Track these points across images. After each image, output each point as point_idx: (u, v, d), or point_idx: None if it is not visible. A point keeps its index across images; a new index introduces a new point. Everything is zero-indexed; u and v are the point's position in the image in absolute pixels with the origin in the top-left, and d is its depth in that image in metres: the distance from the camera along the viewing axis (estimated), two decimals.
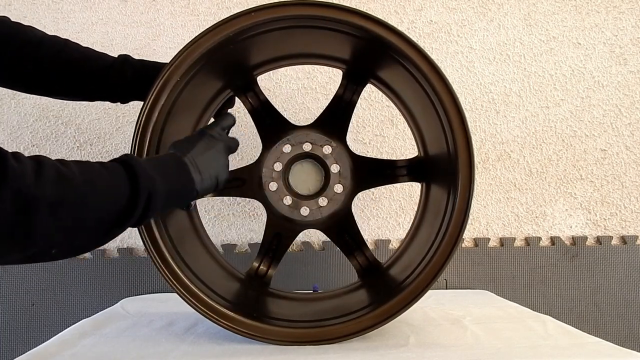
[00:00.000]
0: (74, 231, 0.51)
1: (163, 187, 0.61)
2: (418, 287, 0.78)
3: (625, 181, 1.31)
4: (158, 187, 0.60)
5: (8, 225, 0.45)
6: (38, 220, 0.46)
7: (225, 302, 0.81)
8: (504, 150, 1.30)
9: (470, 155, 0.77)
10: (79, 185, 0.51)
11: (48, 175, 0.48)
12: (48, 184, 0.48)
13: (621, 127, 1.31)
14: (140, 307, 1.09)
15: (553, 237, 1.29)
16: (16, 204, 0.45)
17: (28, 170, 0.46)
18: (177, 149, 0.71)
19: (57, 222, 0.48)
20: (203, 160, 0.71)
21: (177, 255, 0.81)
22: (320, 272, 1.25)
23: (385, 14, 1.29)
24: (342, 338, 0.79)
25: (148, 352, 0.78)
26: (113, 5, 1.28)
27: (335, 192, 0.93)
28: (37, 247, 0.48)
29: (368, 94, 1.27)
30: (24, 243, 0.47)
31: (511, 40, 1.30)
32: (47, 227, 0.48)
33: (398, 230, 1.28)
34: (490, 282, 1.27)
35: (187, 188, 0.68)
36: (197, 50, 0.79)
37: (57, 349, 0.79)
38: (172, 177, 0.65)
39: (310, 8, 0.79)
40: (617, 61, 1.31)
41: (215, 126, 0.79)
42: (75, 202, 0.50)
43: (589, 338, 0.81)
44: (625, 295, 1.28)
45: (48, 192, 0.47)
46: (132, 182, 0.57)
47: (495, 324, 0.90)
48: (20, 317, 1.23)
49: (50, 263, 1.24)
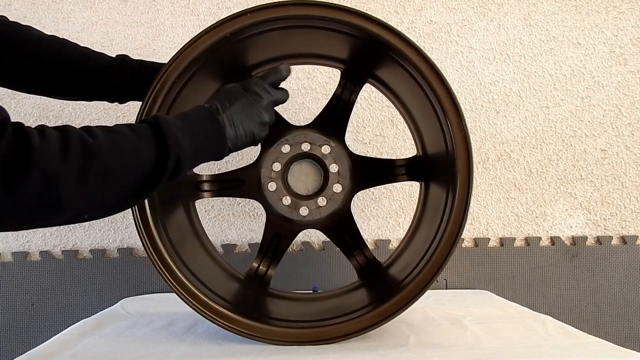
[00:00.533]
0: (102, 198, 0.54)
1: (192, 149, 0.61)
2: (417, 287, 0.78)
3: (625, 181, 1.30)
4: (187, 151, 0.60)
5: (38, 201, 0.47)
6: (65, 194, 0.49)
7: (225, 302, 0.81)
8: (504, 150, 1.29)
9: (468, 154, 0.77)
10: (105, 156, 0.53)
11: (74, 149, 0.50)
12: (74, 158, 0.50)
13: (621, 127, 1.30)
14: (140, 307, 1.09)
15: (553, 237, 1.29)
16: (44, 182, 0.47)
17: (54, 146, 0.49)
18: (217, 101, 0.70)
19: (84, 193, 0.51)
20: (241, 117, 0.70)
21: (176, 256, 0.81)
22: (319, 272, 1.25)
23: (385, 14, 1.29)
24: (342, 338, 0.79)
25: (148, 352, 0.78)
26: (113, 5, 1.28)
27: (334, 191, 0.93)
28: (68, 215, 0.51)
29: (367, 94, 1.27)
30: (54, 214, 0.50)
31: (511, 40, 1.30)
32: (75, 199, 0.50)
33: (398, 230, 1.28)
34: (490, 282, 1.27)
35: (219, 146, 0.68)
36: (196, 50, 0.79)
37: (57, 349, 0.79)
38: (203, 137, 0.65)
39: (308, 8, 0.79)
40: (617, 61, 1.31)
41: (263, 81, 0.76)
42: (101, 173, 0.52)
43: (589, 338, 0.81)
44: (625, 295, 1.28)
45: (74, 167, 0.50)
46: (160, 147, 0.58)
47: (495, 324, 0.90)
48: (21, 317, 1.23)
49: (51, 263, 1.24)
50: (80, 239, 1.26)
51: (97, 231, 1.26)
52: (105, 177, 0.52)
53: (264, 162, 0.93)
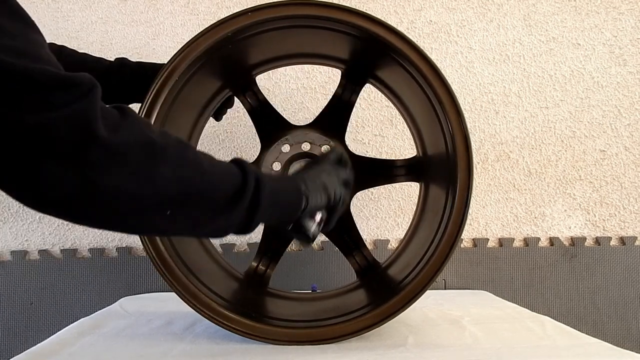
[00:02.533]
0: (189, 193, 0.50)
1: (268, 180, 0.59)
2: (417, 287, 0.78)
3: (624, 182, 1.31)
4: (264, 177, 0.58)
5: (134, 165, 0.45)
6: (162, 164, 0.47)
7: (224, 301, 0.81)
8: (503, 150, 1.30)
9: (468, 155, 0.78)
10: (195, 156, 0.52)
11: (169, 135, 0.50)
12: (172, 139, 0.50)
13: (620, 127, 1.31)
14: (139, 306, 1.09)
15: (552, 238, 1.29)
16: (145, 148, 0.46)
17: (149, 127, 0.49)
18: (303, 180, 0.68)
19: (177, 174, 0.48)
20: (310, 177, 0.69)
21: (175, 255, 0.81)
22: (319, 272, 1.25)
23: (384, 14, 1.29)
24: (341, 338, 0.79)
25: (147, 351, 0.78)
26: (113, 5, 1.27)
27: None
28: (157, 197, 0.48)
29: (367, 94, 1.27)
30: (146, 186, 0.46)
31: (511, 41, 1.30)
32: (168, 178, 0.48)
33: (397, 230, 1.28)
34: (489, 282, 1.27)
35: (294, 191, 0.65)
36: (196, 50, 0.79)
37: (56, 348, 0.79)
38: (275, 178, 0.64)
39: (308, 8, 0.79)
40: (617, 62, 1.31)
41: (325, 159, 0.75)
42: (192, 163, 0.51)
43: (587, 339, 0.81)
44: (623, 296, 1.28)
45: (172, 145, 0.49)
46: (240, 167, 0.56)
47: (493, 325, 0.90)
48: (19, 316, 1.23)
49: (49, 262, 1.24)
50: (79, 238, 1.26)
51: (96, 230, 1.26)
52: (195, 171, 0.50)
53: (264, 161, 0.93)
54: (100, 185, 0.43)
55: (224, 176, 0.55)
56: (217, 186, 0.53)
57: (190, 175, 0.50)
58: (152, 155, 0.47)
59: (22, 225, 1.26)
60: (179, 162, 0.49)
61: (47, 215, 0.46)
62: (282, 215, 0.65)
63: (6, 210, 1.25)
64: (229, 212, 0.54)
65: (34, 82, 0.40)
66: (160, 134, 0.49)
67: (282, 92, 1.27)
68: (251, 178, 0.56)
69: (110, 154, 0.44)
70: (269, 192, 0.58)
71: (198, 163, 0.52)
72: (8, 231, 1.25)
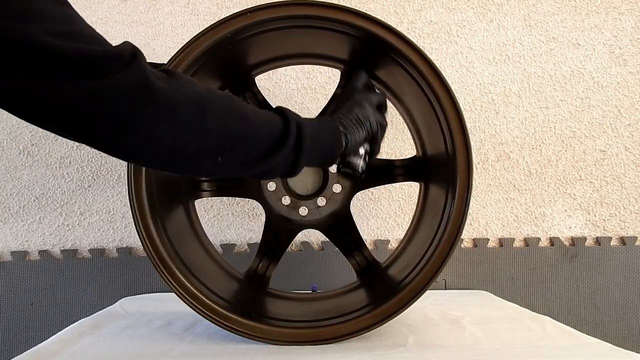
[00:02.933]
0: (236, 140, 0.56)
1: (310, 126, 0.64)
2: (417, 287, 0.78)
3: (624, 182, 1.31)
4: (305, 123, 0.63)
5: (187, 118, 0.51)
6: (211, 116, 0.53)
7: (224, 302, 0.81)
8: (503, 150, 1.30)
9: (468, 155, 0.78)
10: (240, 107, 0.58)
11: (215, 90, 0.56)
12: (218, 93, 0.56)
13: (620, 128, 1.31)
14: (139, 306, 1.09)
15: (552, 238, 1.29)
16: (195, 103, 0.52)
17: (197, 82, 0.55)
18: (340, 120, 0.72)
19: (225, 125, 0.55)
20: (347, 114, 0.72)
21: (175, 256, 0.81)
22: (319, 272, 1.25)
23: (384, 14, 1.29)
24: (341, 338, 0.79)
25: (147, 351, 0.78)
26: (113, 5, 1.28)
27: (334, 192, 0.93)
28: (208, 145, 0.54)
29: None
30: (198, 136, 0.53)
31: (511, 41, 1.30)
32: (217, 127, 0.54)
33: (397, 230, 1.28)
34: (489, 282, 1.27)
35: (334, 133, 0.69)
36: (195, 50, 0.79)
37: (56, 348, 0.79)
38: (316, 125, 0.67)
39: (308, 8, 0.79)
40: (617, 62, 1.31)
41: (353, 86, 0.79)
42: (237, 114, 0.57)
43: (587, 339, 0.81)
44: (624, 296, 1.28)
45: (219, 97, 0.55)
46: (282, 115, 0.62)
47: (494, 325, 0.90)
48: (19, 317, 1.23)
49: (49, 262, 1.24)
50: (79, 239, 1.26)
51: (96, 231, 1.26)
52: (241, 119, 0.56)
53: None
54: (156, 138, 0.49)
55: (268, 123, 0.60)
56: (261, 133, 0.58)
57: (236, 125, 0.56)
58: (202, 109, 0.52)
59: (22, 225, 1.26)
60: (226, 113, 0.55)
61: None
62: (324, 156, 0.69)
63: (6, 210, 1.26)
64: (273, 155, 0.59)
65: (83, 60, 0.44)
66: (208, 90, 0.54)
67: (282, 93, 1.27)
68: (292, 124, 0.61)
69: (166, 110, 0.49)
70: (310, 135, 0.63)
71: (243, 113, 0.57)
72: (8, 231, 1.25)
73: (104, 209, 1.26)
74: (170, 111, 0.49)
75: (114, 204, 1.26)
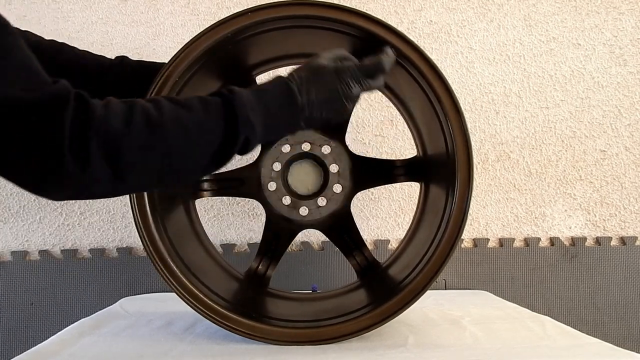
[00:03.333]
0: (163, 174, 0.54)
1: (263, 129, 0.60)
2: (417, 287, 0.78)
3: (624, 182, 1.31)
4: (257, 132, 0.59)
5: (103, 168, 0.49)
6: (128, 160, 0.50)
7: (224, 302, 0.81)
8: (504, 150, 1.30)
9: (469, 155, 0.78)
10: (170, 132, 0.53)
11: (136, 122, 0.51)
12: (136, 129, 0.51)
13: (621, 128, 1.31)
14: (139, 306, 1.09)
15: (552, 238, 1.29)
16: (105, 148, 0.49)
17: (117, 117, 0.50)
18: (302, 80, 0.65)
19: (146, 165, 0.52)
20: (321, 104, 0.65)
21: (176, 256, 0.81)
22: (319, 272, 1.25)
23: (385, 14, 1.29)
24: (341, 338, 0.79)
25: (147, 351, 0.78)
26: (113, 5, 1.28)
27: (334, 192, 0.93)
28: (132, 184, 0.53)
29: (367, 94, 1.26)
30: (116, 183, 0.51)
31: (511, 41, 1.30)
32: (138, 169, 0.51)
33: (397, 230, 1.28)
34: (490, 282, 1.27)
35: (291, 126, 0.65)
36: (196, 50, 0.79)
37: (56, 348, 0.79)
38: (275, 117, 0.62)
39: (308, 8, 0.79)
40: (617, 62, 1.31)
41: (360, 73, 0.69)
42: (163, 149, 0.53)
43: (587, 339, 0.81)
44: (624, 296, 1.28)
45: (136, 138, 0.51)
46: (229, 128, 0.57)
47: (494, 325, 0.90)
48: (19, 317, 1.23)
49: (49, 262, 1.24)
50: (80, 239, 1.26)
51: (96, 230, 1.26)
52: (166, 153, 0.53)
53: (264, 161, 0.93)
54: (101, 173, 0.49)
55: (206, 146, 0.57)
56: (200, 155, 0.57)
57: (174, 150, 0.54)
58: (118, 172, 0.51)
59: (22, 225, 1.26)
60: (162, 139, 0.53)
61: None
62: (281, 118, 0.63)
63: (6, 210, 1.26)
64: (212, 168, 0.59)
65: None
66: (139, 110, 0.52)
67: None
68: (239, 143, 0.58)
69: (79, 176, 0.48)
70: (257, 143, 0.60)
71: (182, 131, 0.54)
72: (8, 231, 1.25)
73: (104, 209, 1.26)
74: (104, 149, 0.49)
75: (114, 203, 1.26)
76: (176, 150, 0.54)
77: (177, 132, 0.54)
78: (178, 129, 0.54)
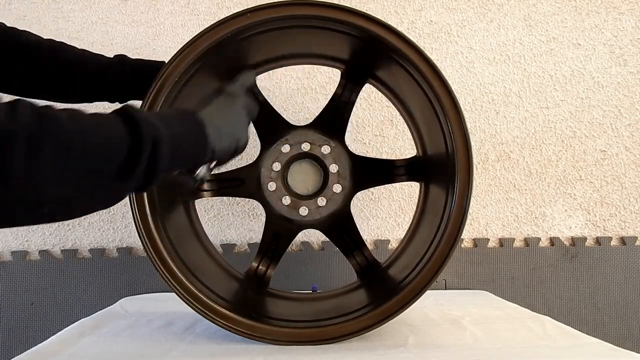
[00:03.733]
0: (64, 178, 0.43)
1: (169, 136, 0.52)
2: (417, 287, 0.78)
3: (624, 182, 1.31)
4: (163, 135, 0.51)
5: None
6: (17, 160, 0.39)
7: (224, 302, 0.81)
8: (504, 150, 1.30)
9: (468, 155, 0.78)
10: (63, 122, 0.43)
11: (23, 113, 0.40)
12: (24, 118, 0.40)
13: (621, 128, 1.31)
14: (139, 306, 1.09)
15: (552, 238, 1.29)
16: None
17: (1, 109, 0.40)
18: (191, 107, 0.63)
19: (38, 163, 0.40)
20: (220, 117, 0.63)
21: (176, 256, 0.80)
22: (319, 272, 1.25)
23: (385, 14, 1.29)
24: (341, 338, 0.79)
25: (147, 351, 0.78)
26: (113, 5, 1.28)
27: (334, 192, 0.93)
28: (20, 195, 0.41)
29: (367, 94, 1.27)
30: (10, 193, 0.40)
31: (511, 41, 1.30)
32: (26, 167, 0.39)
33: (397, 230, 1.28)
34: (490, 282, 1.27)
35: (199, 142, 0.59)
36: (196, 50, 0.79)
37: (57, 348, 0.79)
38: (179, 127, 0.56)
39: (308, 8, 0.79)
40: (617, 62, 1.31)
41: (235, 83, 0.73)
42: (59, 141, 0.42)
43: (588, 339, 0.81)
44: (624, 296, 1.28)
45: (24, 126, 0.40)
46: (132, 129, 0.48)
47: (494, 325, 0.90)
48: (20, 317, 1.23)
49: (50, 262, 1.23)
50: (80, 239, 1.26)
51: (96, 230, 1.26)
52: (65, 150, 0.43)
53: (264, 161, 0.93)
54: None
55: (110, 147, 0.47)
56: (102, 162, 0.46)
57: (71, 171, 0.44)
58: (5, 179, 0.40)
59: None
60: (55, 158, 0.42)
61: None
62: (185, 166, 0.59)
63: None
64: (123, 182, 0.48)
65: None
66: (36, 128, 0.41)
67: (282, 92, 1.27)
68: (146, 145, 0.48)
69: None
70: (169, 157, 0.51)
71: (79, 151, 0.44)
72: (8, 231, 1.25)
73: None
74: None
75: None
76: (76, 147, 0.44)
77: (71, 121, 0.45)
78: (72, 120, 0.45)
